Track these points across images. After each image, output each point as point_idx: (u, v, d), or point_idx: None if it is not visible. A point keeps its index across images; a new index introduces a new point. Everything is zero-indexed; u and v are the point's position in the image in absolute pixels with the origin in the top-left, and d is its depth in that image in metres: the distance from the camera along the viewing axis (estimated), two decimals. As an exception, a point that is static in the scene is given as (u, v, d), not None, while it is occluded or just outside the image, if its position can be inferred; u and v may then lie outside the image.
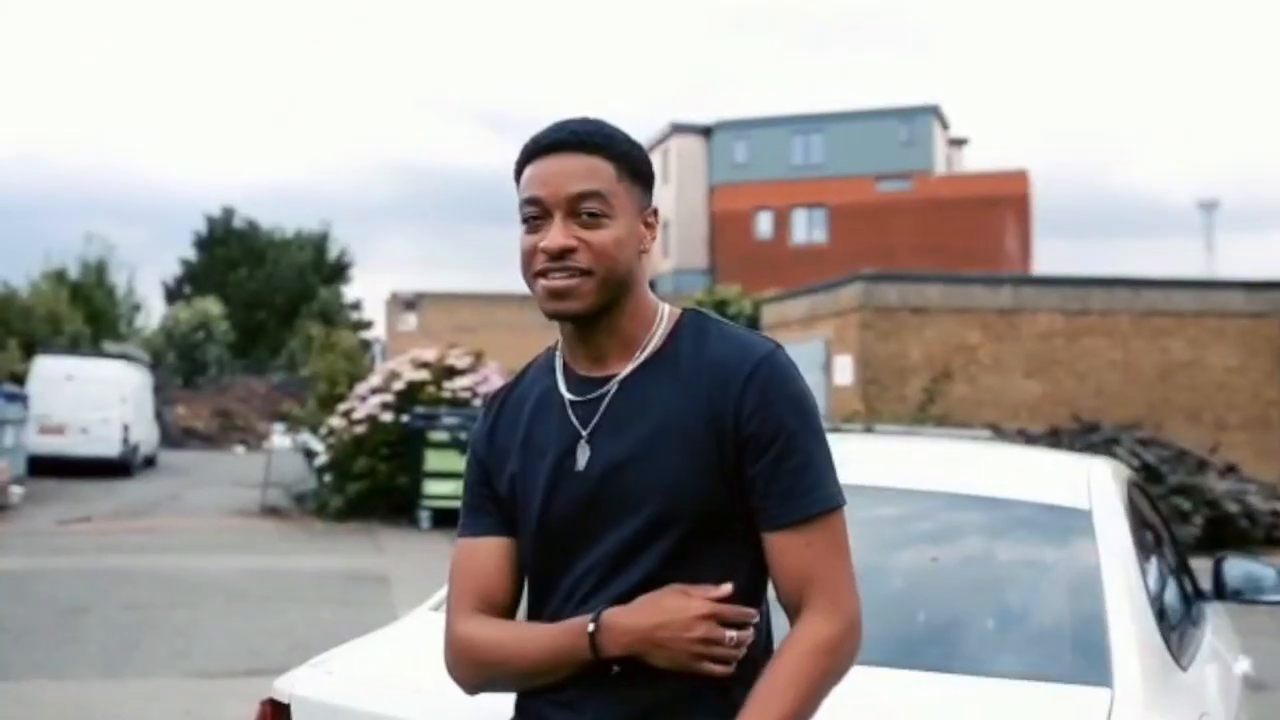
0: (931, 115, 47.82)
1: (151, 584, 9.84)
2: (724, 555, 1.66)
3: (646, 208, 1.77)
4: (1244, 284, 19.68)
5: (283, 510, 16.15)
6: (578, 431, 1.72)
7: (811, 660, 1.58)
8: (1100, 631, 2.20)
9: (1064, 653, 2.23)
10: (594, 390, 1.73)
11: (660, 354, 1.73)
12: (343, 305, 56.89)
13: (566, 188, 1.68)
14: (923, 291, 18.88)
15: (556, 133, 1.72)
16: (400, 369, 16.06)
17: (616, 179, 1.71)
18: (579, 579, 1.69)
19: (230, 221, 58.37)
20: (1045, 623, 2.37)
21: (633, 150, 1.75)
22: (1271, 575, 3.61)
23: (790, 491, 1.64)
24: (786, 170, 47.24)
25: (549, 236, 1.68)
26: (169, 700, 6.09)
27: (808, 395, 1.71)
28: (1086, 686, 2.06)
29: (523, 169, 1.75)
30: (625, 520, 1.66)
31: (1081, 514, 2.59)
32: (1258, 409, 18.87)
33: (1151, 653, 2.25)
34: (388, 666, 2.29)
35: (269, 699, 2.14)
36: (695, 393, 1.68)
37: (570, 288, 1.68)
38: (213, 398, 40.64)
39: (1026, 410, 17.94)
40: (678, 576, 1.63)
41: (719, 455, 1.66)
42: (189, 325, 45.91)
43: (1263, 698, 6.42)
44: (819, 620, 1.60)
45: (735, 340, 1.72)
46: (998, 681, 2.08)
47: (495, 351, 18.32)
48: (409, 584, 10.20)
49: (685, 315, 1.78)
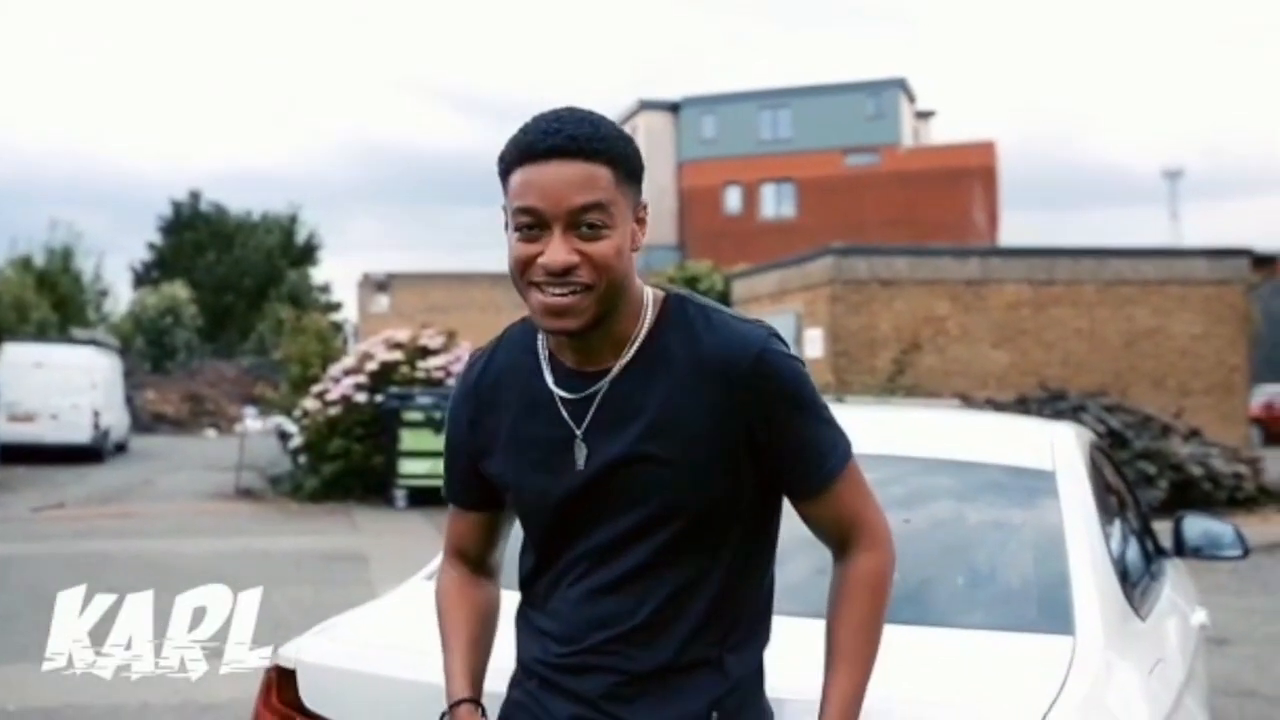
0: (898, 88, 47.99)
1: (130, 568, 9.87)
2: (710, 542, 1.72)
3: (640, 205, 1.73)
4: (1207, 252, 19.95)
5: (257, 493, 16.19)
6: (571, 430, 1.72)
7: (870, 594, 1.74)
8: (1064, 584, 2.33)
9: (1030, 605, 2.36)
10: (585, 387, 1.72)
11: (649, 346, 1.72)
12: (312, 288, 56.63)
13: (568, 200, 1.62)
14: (891, 264, 19.05)
15: (552, 137, 1.64)
16: (373, 350, 16.11)
17: (615, 185, 1.66)
18: (573, 562, 1.75)
19: (197, 205, 57.94)
20: (1012, 578, 2.49)
21: (628, 149, 1.69)
22: (1229, 532, 3.75)
23: (806, 470, 1.73)
24: (754, 145, 47.31)
25: (550, 252, 1.63)
26: (155, 682, 6.15)
27: (802, 377, 1.73)
28: (1051, 635, 2.18)
29: (511, 169, 1.67)
30: (623, 514, 1.71)
31: (1046, 475, 2.70)
32: (1220, 375, 19.18)
33: (1111, 603, 2.37)
34: (389, 632, 2.39)
35: (274, 665, 2.23)
36: (691, 389, 1.69)
37: (571, 305, 1.64)
38: (182, 382, 40.45)
39: (995, 380, 18.16)
40: (667, 565, 1.70)
41: (720, 451, 1.69)
42: (157, 310, 45.62)
43: (1223, 650, 6.63)
44: (864, 557, 1.75)
45: (726, 333, 1.71)
46: (969, 632, 2.20)
47: (468, 331, 18.36)
48: (387, 562, 10.28)
49: (669, 301, 1.76)
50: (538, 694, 1.77)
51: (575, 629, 1.73)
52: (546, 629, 1.78)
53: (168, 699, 5.77)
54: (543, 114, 1.69)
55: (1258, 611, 8.50)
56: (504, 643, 1.89)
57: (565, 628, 1.75)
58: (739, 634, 1.74)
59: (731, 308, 1.81)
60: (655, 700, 1.69)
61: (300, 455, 16.24)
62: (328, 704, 2.12)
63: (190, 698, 5.81)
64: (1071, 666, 2.03)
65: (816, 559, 1.87)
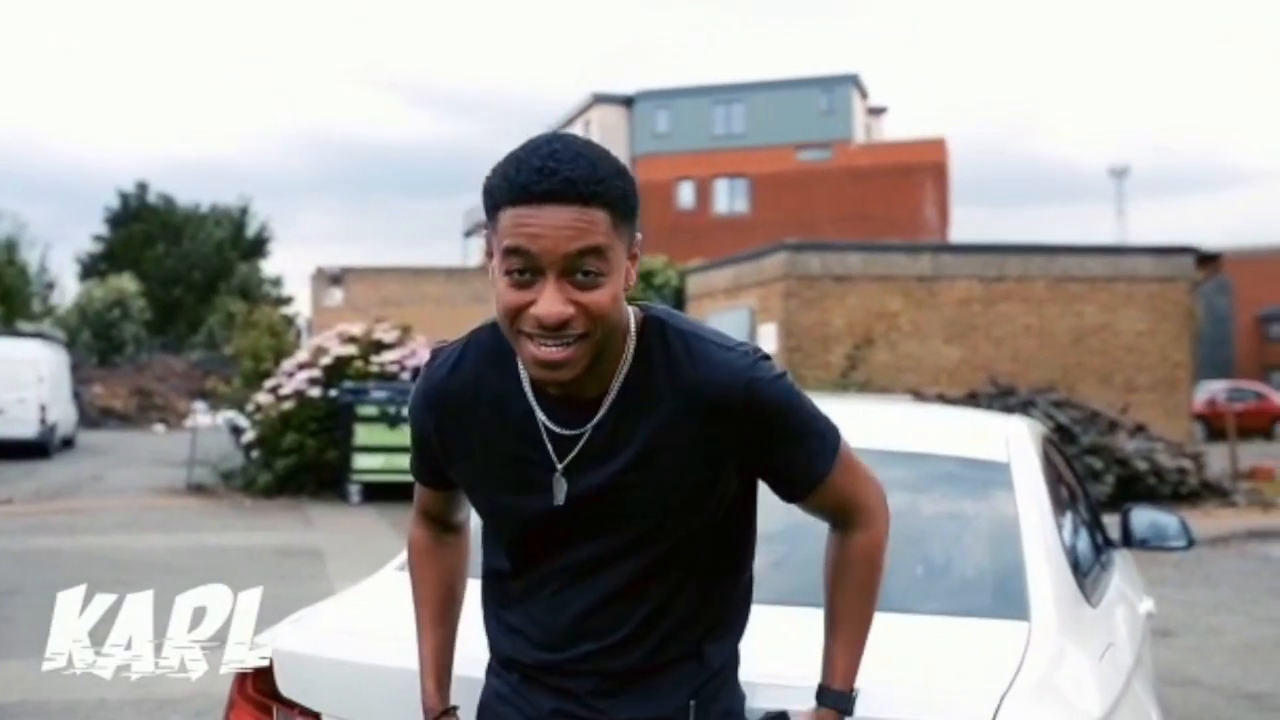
0: (851, 84, 48.29)
1: (83, 563, 9.79)
2: (692, 558, 1.73)
3: (634, 241, 1.65)
4: (1153, 250, 20.29)
5: (209, 488, 16.05)
6: (553, 463, 1.69)
7: (867, 566, 1.79)
8: (1019, 572, 2.41)
9: (986, 592, 2.44)
10: (571, 418, 1.68)
11: (633, 377, 1.67)
12: (262, 281, 56.12)
13: (563, 246, 1.53)
14: (845, 260, 19.22)
15: (548, 179, 1.53)
16: (327, 344, 16.02)
17: (612, 228, 1.57)
18: (549, 575, 1.75)
19: (144, 197, 57.21)
20: (969, 566, 2.57)
21: (626, 188, 1.59)
22: (1175, 524, 3.87)
23: (794, 478, 1.75)
24: (708, 140, 47.44)
25: (544, 303, 1.54)
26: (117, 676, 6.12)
27: (790, 399, 1.70)
28: (1007, 620, 2.26)
29: (500, 206, 1.58)
30: (603, 537, 1.70)
31: (1001, 467, 2.78)
32: (1165, 371, 19.53)
33: (1064, 591, 2.46)
34: (363, 621, 2.42)
35: (249, 655, 2.24)
36: (676, 423, 1.66)
37: (566, 359, 1.57)
38: (130, 376, 39.96)
39: (946, 375, 18.39)
40: (649, 583, 1.71)
41: (705, 480, 1.69)
42: (104, 303, 45.02)
43: (1167, 642, 6.79)
44: (860, 533, 1.79)
45: (711, 365, 1.66)
46: (928, 618, 2.27)
47: (422, 325, 18.31)
48: (343, 557, 10.26)
49: (649, 325, 1.70)
50: (519, 687, 1.79)
51: (555, 637, 1.74)
52: (522, 630, 1.78)
53: (125, 694, 5.75)
54: (536, 145, 1.58)
55: (1200, 604, 8.70)
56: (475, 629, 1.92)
57: (544, 634, 1.75)
58: (719, 628, 1.79)
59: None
60: (639, 694, 1.73)
61: (253, 450, 16.13)
62: (304, 692, 2.15)
63: (150, 692, 5.79)
64: (1027, 650, 2.11)
65: (771, 554, 1.92)
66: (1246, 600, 9.06)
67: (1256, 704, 5.98)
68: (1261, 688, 6.30)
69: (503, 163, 1.60)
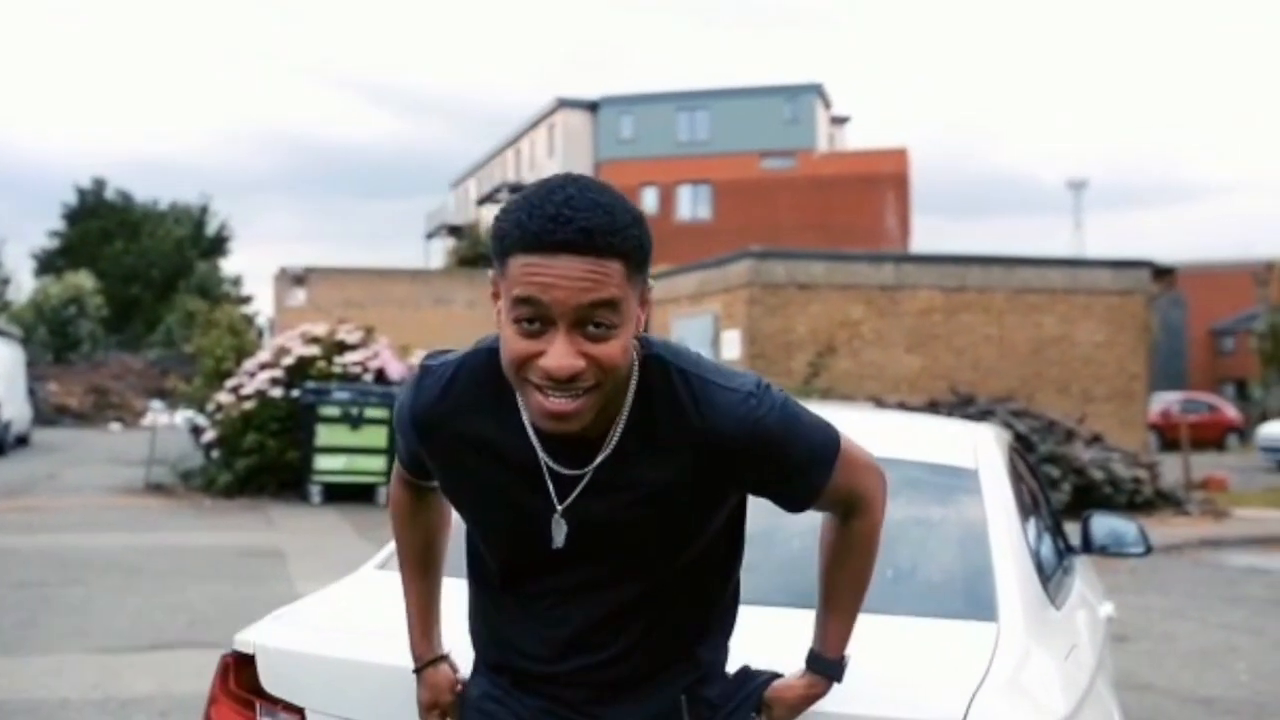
0: (814, 94, 48.64)
1: (42, 562, 9.69)
2: (687, 579, 1.75)
3: (647, 289, 1.61)
4: (1111, 263, 20.57)
5: (168, 487, 15.92)
6: (553, 503, 1.67)
7: (862, 552, 1.85)
8: (987, 575, 2.47)
9: (956, 594, 2.50)
10: (573, 458, 1.65)
11: (636, 417, 1.64)
12: (222, 280, 55.66)
13: (576, 299, 1.48)
14: (809, 268, 19.35)
15: (563, 229, 1.48)
16: (290, 344, 15.93)
17: (626, 279, 1.53)
18: (542, 593, 1.74)
19: (102, 193, 56.61)
20: (940, 568, 2.62)
21: (642, 237, 1.55)
22: (1133, 530, 3.96)
23: (801, 492, 1.75)
24: (672, 146, 47.60)
25: (554, 356, 1.50)
26: (75, 676, 6.09)
27: (791, 427, 1.68)
28: (976, 621, 2.33)
29: (510, 252, 1.52)
30: (599, 563, 1.70)
31: (969, 473, 2.85)
32: (1122, 382, 19.80)
33: (1031, 594, 2.52)
34: (346, 617, 2.44)
35: (231, 651, 2.26)
36: (680, 464, 1.65)
37: (574, 410, 1.54)
38: (86, 374, 39.54)
39: (907, 384, 18.55)
40: (644, 604, 1.72)
41: (705, 513, 1.70)
42: (60, 300, 44.53)
43: (1123, 647, 6.91)
44: (858, 520, 1.82)
45: (715, 409, 1.63)
46: (899, 619, 2.33)
47: (385, 326, 18.23)
48: (305, 557, 10.22)
49: (650, 365, 1.66)
50: (511, 690, 1.81)
51: (549, 650, 1.75)
52: (514, 642, 1.79)
53: (87, 694, 5.71)
54: (550, 190, 1.53)
55: (1154, 609, 8.85)
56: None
57: (537, 647, 1.76)
58: (710, 631, 1.83)
59: (730, 372, 1.70)
60: (633, 699, 1.76)
61: (213, 450, 16.01)
62: (288, 688, 2.17)
63: (110, 693, 5.76)
64: (996, 650, 2.17)
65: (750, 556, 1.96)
66: (1199, 607, 9.22)
67: (1209, 708, 6.10)
68: (1214, 692, 6.43)
69: (514, 206, 1.54)
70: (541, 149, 50.35)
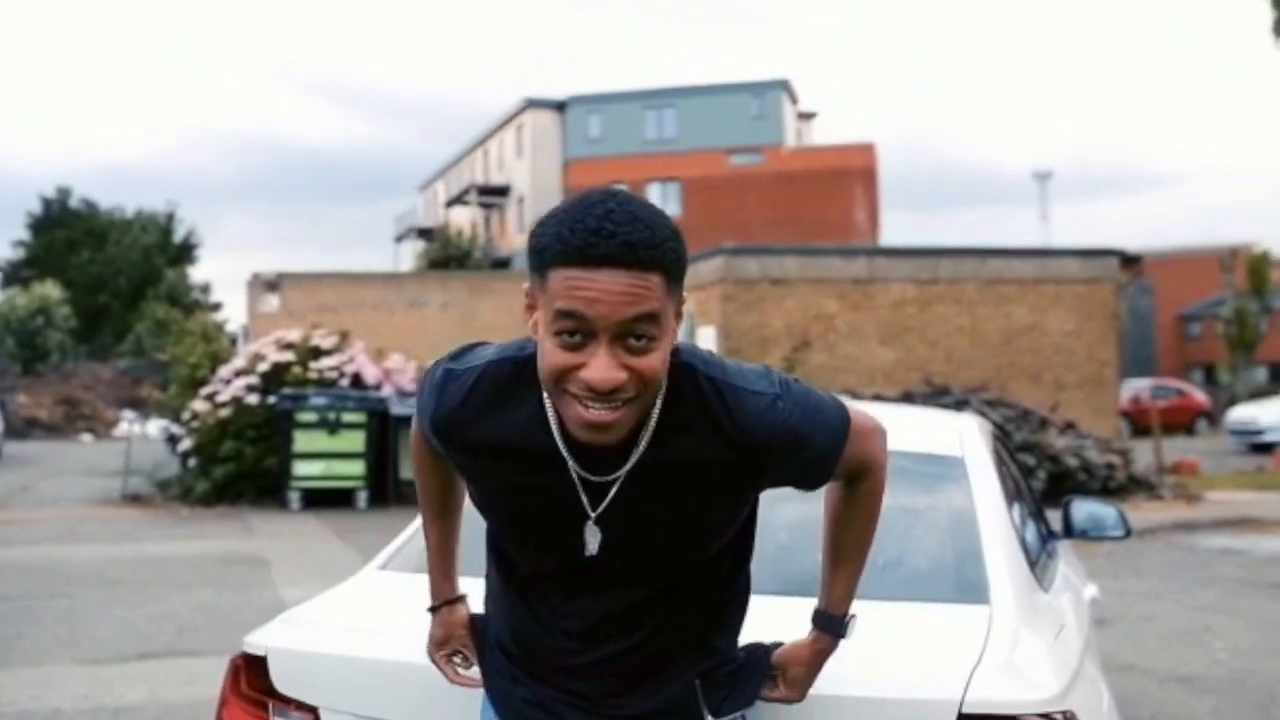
0: (781, 90, 48.76)
1: (23, 575, 9.65)
2: (705, 575, 1.81)
3: (682, 300, 1.64)
4: (1079, 252, 20.79)
5: (145, 497, 15.83)
6: (586, 511, 1.71)
7: (868, 511, 1.89)
8: (978, 560, 2.55)
9: (948, 578, 2.57)
10: (602, 465, 1.68)
11: (665, 423, 1.67)
12: (191, 287, 55.32)
13: (619, 313, 1.52)
14: (782, 263, 19.46)
15: (606, 243, 1.51)
16: (265, 350, 15.88)
17: (666, 292, 1.56)
18: (563, 584, 1.79)
19: (66, 202, 56.15)
20: (931, 554, 2.70)
21: (680, 251, 1.59)
22: (1113, 514, 4.05)
23: (820, 473, 1.80)
24: (640, 145, 47.62)
25: (595, 369, 1.53)
26: (64, 687, 6.09)
27: (813, 420, 1.72)
28: (969, 605, 2.40)
29: (551, 265, 1.55)
30: (630, 562, 1.75)
31: (956, 461, 2.92)
32: (1092, 369, 20.02)
33: (1020, 577, 2.59)
34: (354, 617, 2.48)
35: (241, 654, 2.30)
36: (711, 469, 1.69)
37: (613, 421, 1.57)
38: (56, 385, 39.20)
39: (882, 376, 18.69)
40: (663, 600, 1.78)
41: (730, 513, 1.77)
42: (27, 310, 44.14)
43: (1103, 630, 7.02)
44: (863, 483, 1.86)
45: (743, 413, 1.67)
46: (894, 604, 2.39)
47: (360, 331, 18.20)
48: (287, 563, 10.22)
49: (679, 371, 1.67)
50: (524, 679, 1.87)
51: (566, 641, 1.80)
52: (530, 632, 1.84)
53: (78, 704, 5.72)
54: (590, 204, 1.55)
55: (1131, 593, 8.98)
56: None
57: (554, 639, 1.81)
58: (724, 619, 1.89)
59: (754, 374, 1.74)
60: (648, 688, 1.81)
61: (189, 458, 15.94)
62: (300, 687, 2.21)
63: (101, 702, 5.77)
64: (989, 633, 2.24)
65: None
66: (1175, 589, 9.36)
67: (1189, 686, 6.22)
68: (1192, 670, 6.55)
69: (554, 220, 1.57)
70: (510, 150, 50.29)
